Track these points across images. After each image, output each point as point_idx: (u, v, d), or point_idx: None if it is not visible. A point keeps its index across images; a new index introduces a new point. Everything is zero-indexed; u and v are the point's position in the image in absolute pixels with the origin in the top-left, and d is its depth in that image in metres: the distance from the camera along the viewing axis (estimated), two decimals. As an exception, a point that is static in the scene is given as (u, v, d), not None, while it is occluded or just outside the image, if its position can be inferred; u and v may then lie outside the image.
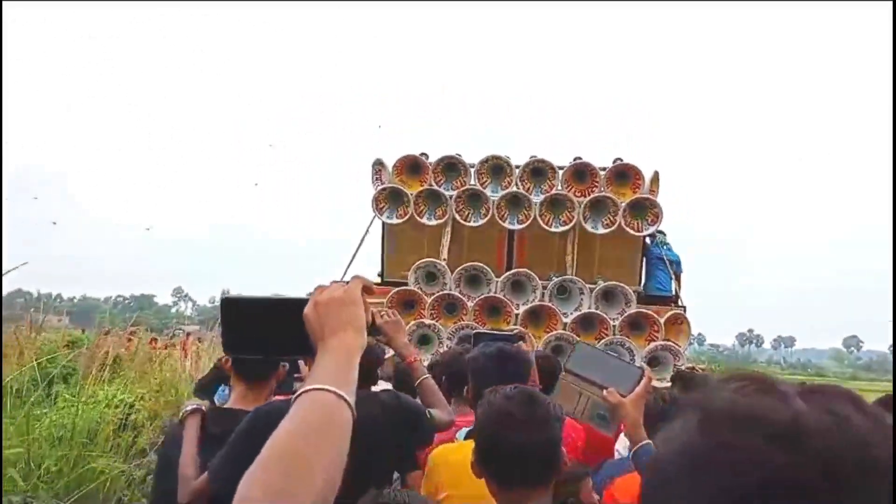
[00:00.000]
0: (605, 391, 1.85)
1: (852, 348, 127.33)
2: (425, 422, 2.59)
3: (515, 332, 4.95)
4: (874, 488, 0.51)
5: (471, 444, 1.87)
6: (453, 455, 2.32)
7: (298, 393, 0.97)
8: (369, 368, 2.80)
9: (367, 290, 1.13)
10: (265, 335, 1.14)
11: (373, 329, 1.13)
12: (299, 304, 1.09)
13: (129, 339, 11.07)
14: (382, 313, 2.82)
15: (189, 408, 2.74)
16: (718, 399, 0.55)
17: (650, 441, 1.83)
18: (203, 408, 2.74)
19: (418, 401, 2.74)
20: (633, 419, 1.84)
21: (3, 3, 7.24)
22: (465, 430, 2.67)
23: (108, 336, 10.31)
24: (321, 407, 0.95)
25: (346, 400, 0.97)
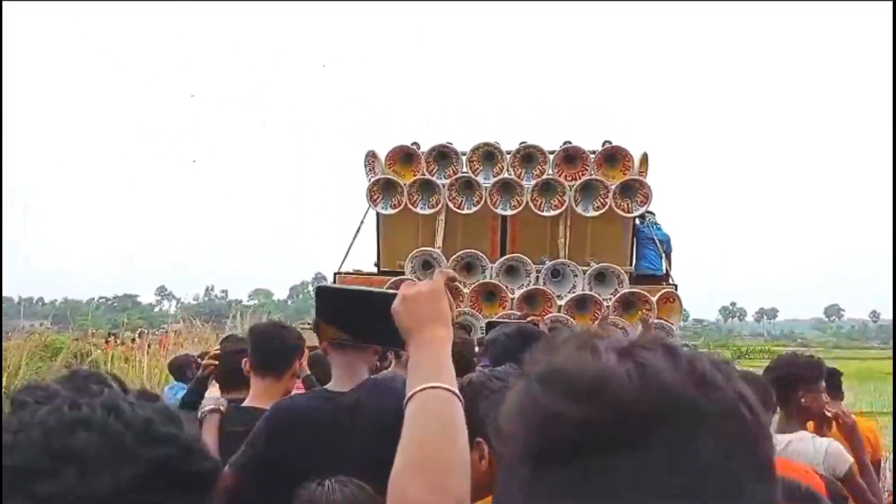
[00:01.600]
0: None
1: (833, 317, 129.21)
2: None
3: (528, 319, 5.04)
4: (677, 433, 0.51)
5: None
6: None
7: (417, 390, 1.04)
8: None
9: (451, 280, 1.19)
10: (355, 323, 1.22)
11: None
12: (388, 297, 1.16)
13: (107, 341, 10.83)
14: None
15: (207, 407, 2.79)
16: (540, 359, 0.57)
17: None
18: (221, 407, 2.78)
19: None
20: None
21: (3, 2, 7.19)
22: None
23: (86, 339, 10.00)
24: (447, 406, 1.04)
25: (458, 396, 1.06)
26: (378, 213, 6.94)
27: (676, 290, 6.86)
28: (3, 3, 8.16)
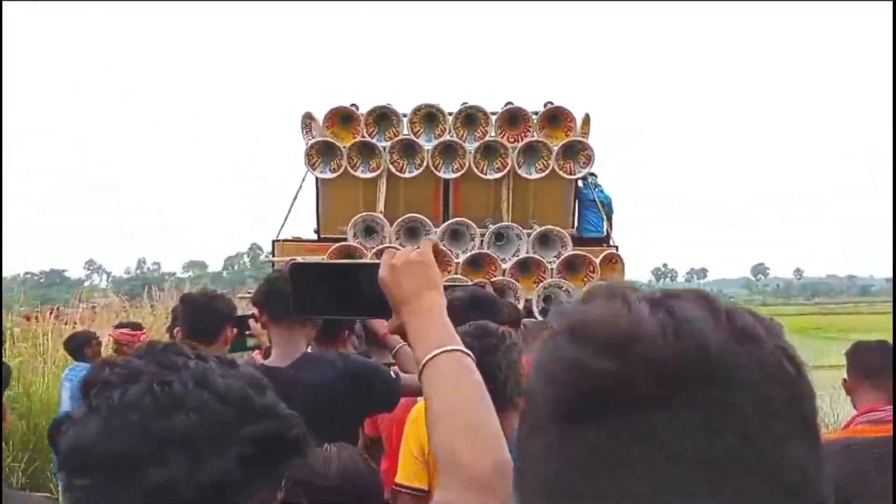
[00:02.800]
0: None
1: (760, 276, 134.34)
2: (386, 384, 2.47)
3: (475, 282, 4.97)
4: (717, 393, 0.47)
5: None
6: None
7: (435, 354, 1.04)
8: (335, 328, 2.78)
9: (436, 250, 1.17)
10: (335, 297, 1.18)
11: None
12: (368, 267, 1.14)
13: (28, 318, 10.01)
14: None
15: None
16: (565, 312, 0.54)
17: None
18: None
19: (377, 362, 2.69)
20: None
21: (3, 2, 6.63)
22: None
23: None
24: (470, 367, 1.04)
25: (470, 356, 1.07)
26: (317, 178, 6.73)
27: (618, 251, 6.90)
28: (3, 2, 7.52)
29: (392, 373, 2.52)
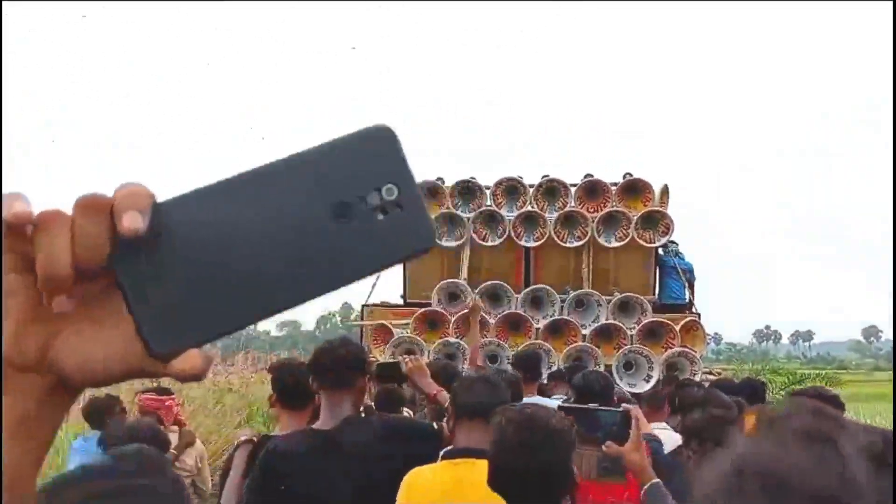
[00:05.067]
0: (603, 446, 1.90)
1: (872, 339, 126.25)
2: (422, 431, 2.67)
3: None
4: None
5: (445, 465, 2.12)
6: (425, 475, 2.28)
7: None
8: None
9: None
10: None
11: (400, 376, 1.49)
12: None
13: None
14: (406, 360, 3.19)
15: (242, 438, 3.02)
16: (756, 451, 0.47)
17: (658, 480, 1.90)
18: (254, 438, 2.99)
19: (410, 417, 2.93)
20: (637, 464, 1.86)
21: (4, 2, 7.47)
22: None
23: None
24: None
25: None
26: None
27: (700, 318, 6.92)
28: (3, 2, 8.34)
29: (434, 426, 2.76)
